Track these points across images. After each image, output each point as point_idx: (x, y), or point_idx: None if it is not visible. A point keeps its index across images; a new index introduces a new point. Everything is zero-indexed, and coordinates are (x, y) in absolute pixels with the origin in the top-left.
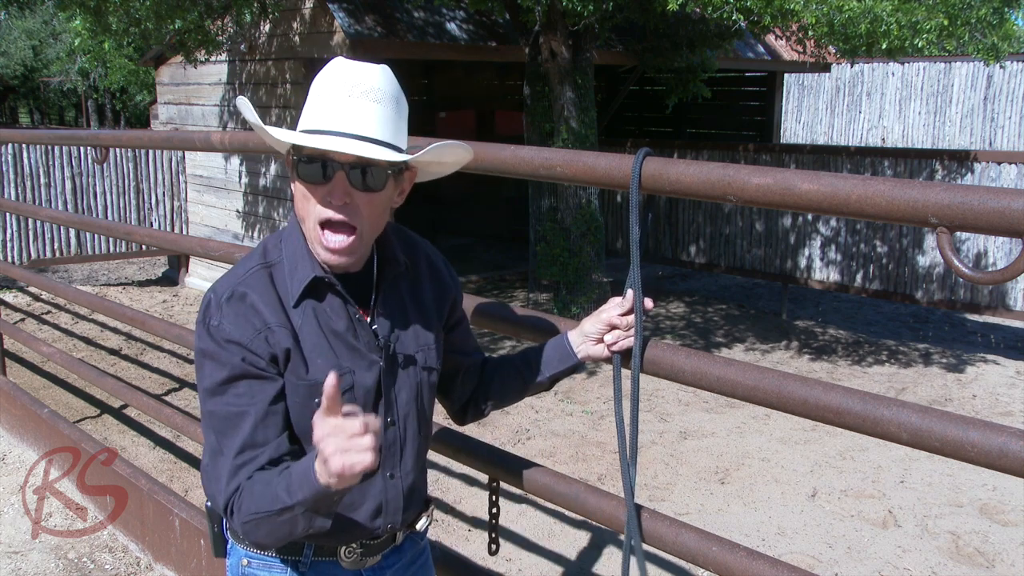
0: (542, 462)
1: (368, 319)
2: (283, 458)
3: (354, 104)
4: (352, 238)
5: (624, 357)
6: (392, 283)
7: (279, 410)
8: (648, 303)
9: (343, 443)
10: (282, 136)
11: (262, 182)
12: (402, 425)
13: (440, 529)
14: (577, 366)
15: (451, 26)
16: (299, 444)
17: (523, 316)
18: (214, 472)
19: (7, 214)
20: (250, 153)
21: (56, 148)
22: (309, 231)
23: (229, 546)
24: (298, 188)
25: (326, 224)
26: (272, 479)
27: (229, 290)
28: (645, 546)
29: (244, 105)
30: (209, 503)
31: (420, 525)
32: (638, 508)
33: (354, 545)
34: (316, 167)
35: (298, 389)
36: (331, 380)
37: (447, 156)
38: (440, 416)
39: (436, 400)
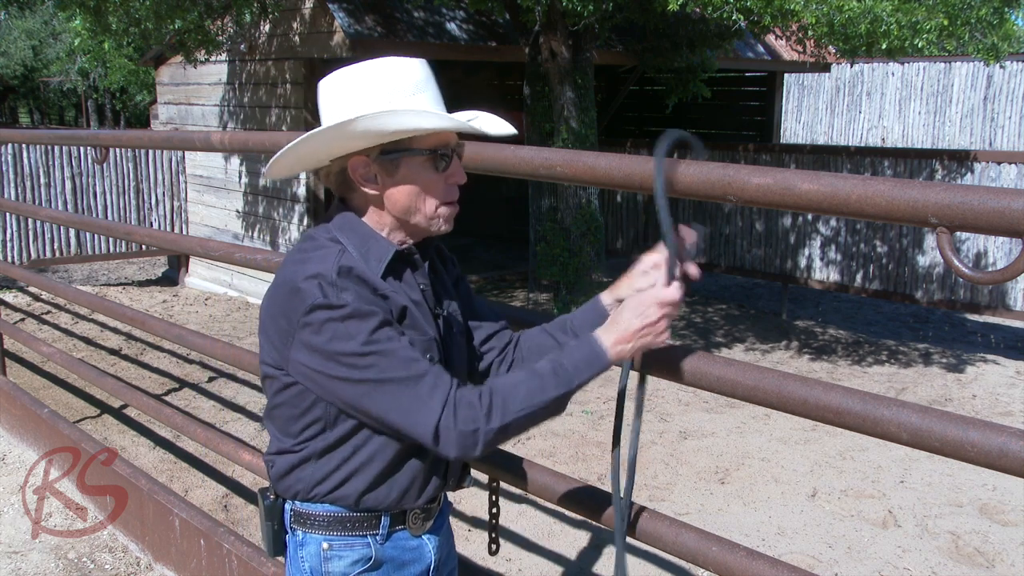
0: (542, 462)
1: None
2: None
3: (437, 93)
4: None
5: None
6: (429, 254)
7: None
8: (694, 270)
9: (660, 324)
10: (493, 128)
11: (262, 182)
12: None
13: None
14: None
15: (451, 26)
16: None
17: (523, 316)
18: (402, 397)
19: (7, 214)
20: (250, 153)
21: (56, 148)
22: (426, 215)
23: (301, 537)
24: (414, 184)
25: (450, 203)
26: (521, 378)
27: (333, 268)
28: (645, 546)
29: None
30: (269, 499)
31: (467, 482)
32: (641, 509)
33: (417, 510)
34: (449, 155)
35: (417, 345)
36: (674, 290)
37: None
38: None
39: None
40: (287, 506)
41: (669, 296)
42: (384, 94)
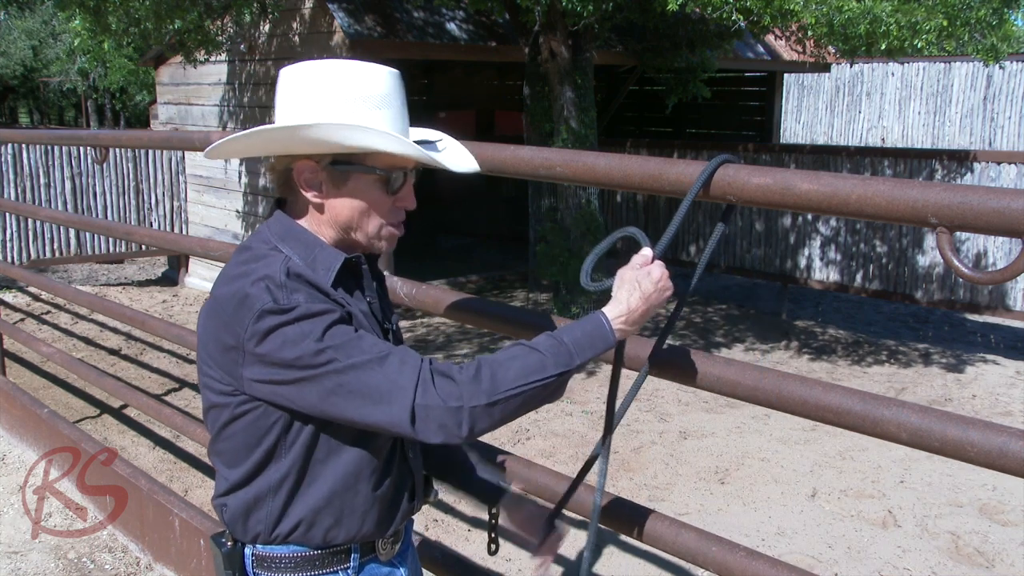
0: (542, 462)
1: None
2: None
3: (401, 110)
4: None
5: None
6: (370, 266)
7: None
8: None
9: (661, 284)
10: (461, 165)
11: (262, 182)
12: None
13: (440, 529)
14: None
15: (451, 26)
16: None
17: (523, 316)
18: (368, 382)
19: (7, 214)
20: None
21: (56, 148)
22: (367, 234)
23: None
24: (360, 200)
25: (394, 224)
26: (516, 353)
27: (280, 271)
28: (645, 546)
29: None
30: (227, 546)
31: (431, 495)
32: (640, 508)
33: (388, 535)
34: (402, 179)
35: None
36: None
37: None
38: None
39: None
40: (247, 551)
41: (654, 260)
42: (347, 103)
